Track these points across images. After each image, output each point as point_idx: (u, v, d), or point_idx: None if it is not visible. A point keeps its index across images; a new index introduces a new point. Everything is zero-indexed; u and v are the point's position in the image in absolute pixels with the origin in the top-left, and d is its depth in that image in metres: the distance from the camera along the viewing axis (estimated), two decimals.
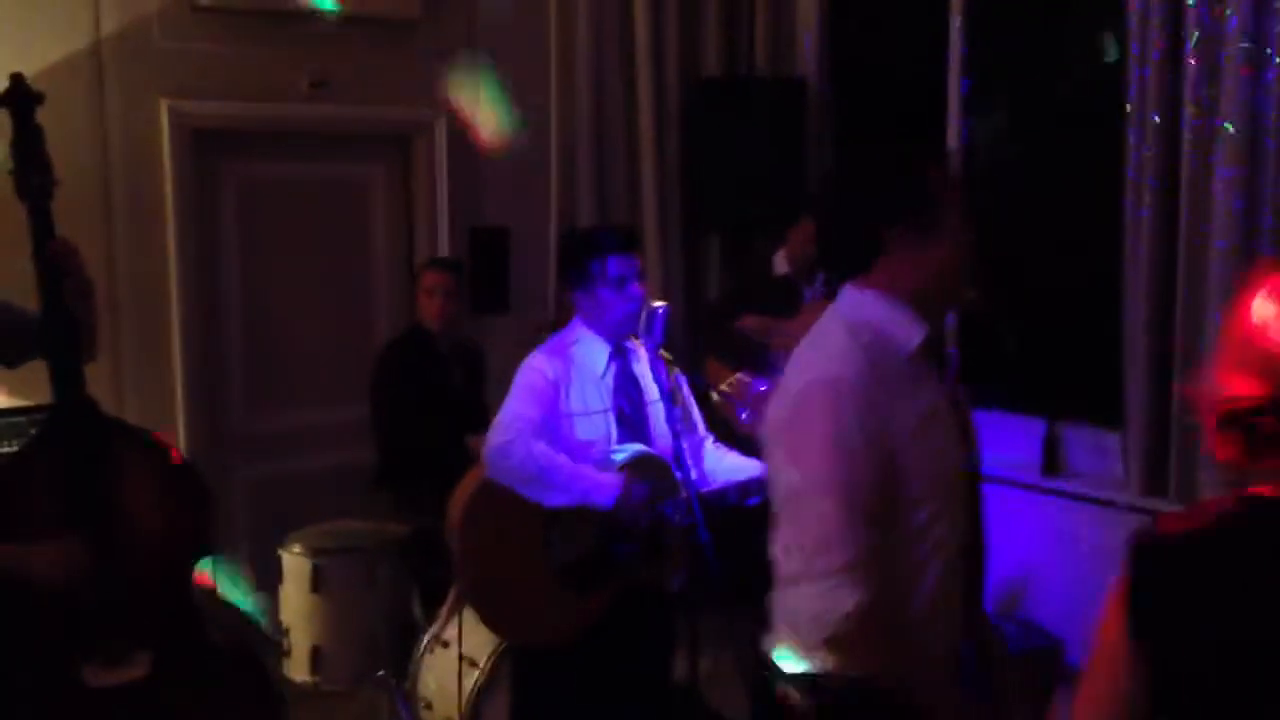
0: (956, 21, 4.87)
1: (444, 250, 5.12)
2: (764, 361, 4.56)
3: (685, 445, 2.90)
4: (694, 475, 2.88)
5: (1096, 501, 4.41)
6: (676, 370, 3.06)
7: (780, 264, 4.78)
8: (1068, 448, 4.67)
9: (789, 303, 4.65)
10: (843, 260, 1.96)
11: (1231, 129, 3.74)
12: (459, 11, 5.13)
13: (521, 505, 2.81)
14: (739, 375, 4.35)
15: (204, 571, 2.85)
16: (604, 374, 2.95)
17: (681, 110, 5.42)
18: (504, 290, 5.22)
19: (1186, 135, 3.87)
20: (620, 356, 2.98)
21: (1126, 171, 4.12)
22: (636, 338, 2.95)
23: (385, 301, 5.18)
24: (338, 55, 4.81)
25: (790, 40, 5.44)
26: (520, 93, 5.30)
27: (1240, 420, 1.33)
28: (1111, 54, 4.44)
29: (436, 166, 5.12)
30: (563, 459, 2.81)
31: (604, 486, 2.79)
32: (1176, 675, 1.33)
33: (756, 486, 2.90)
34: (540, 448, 2.79)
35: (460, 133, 5.13)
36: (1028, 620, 4.59)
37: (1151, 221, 4.07)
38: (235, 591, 4.57)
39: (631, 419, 2.98)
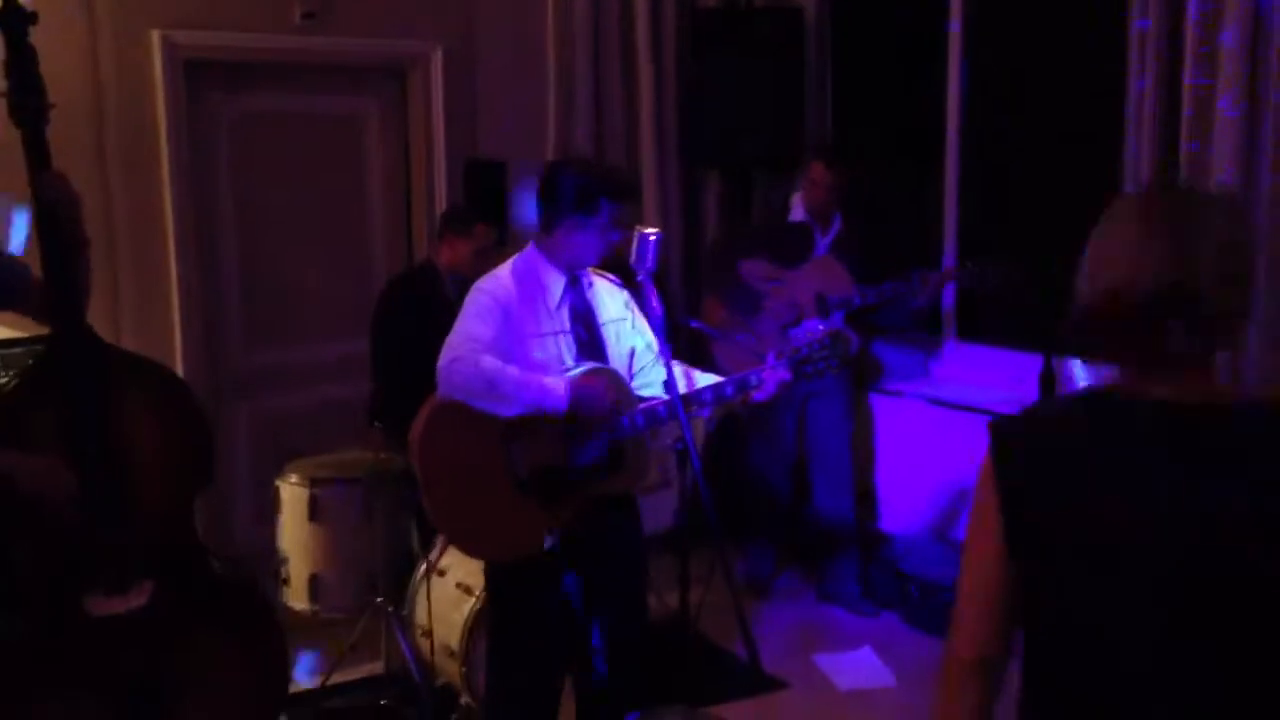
0: None
1: (441, 184, 5.10)
2: (758, 309, 4.55)
3: (644, 363, 3.07)
4: (650, 393, 3.04)
5: None
6: (628, 292, 3.13)
7: (797, 209, 4.73)
8: (1064, 384, 4.69)
9: (801, 250, 4.62)
10: None
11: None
12: None
13: (478, 422, 2.84)
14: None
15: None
16: (560, 298, 2.98)
17: (679, 42, 5.37)
18: (502, 224, 5.20)
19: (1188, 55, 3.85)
20: (573, 283, 3.01)
21: (1126, 109, 4.10)
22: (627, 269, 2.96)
23: (381, 235, 5.16)
24: None
25: None
26: (517, 24, 5.26)
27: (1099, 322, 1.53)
28: None
29: (433, 99, 5.07)
30: (512, 368, 2.83)
31: (556, 390, 2.82)
32: (1024, 528, 1.57)
33: (711, 395, 3.00)
34: (489, 360, 2.80)
35: (456, 65, 5.09)
36: None
37: (1150, 158, 4.06)
38: None
39: (587, 342, 3.01)
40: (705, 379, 3.11)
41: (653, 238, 2.85)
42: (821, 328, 3.67)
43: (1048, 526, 1.55)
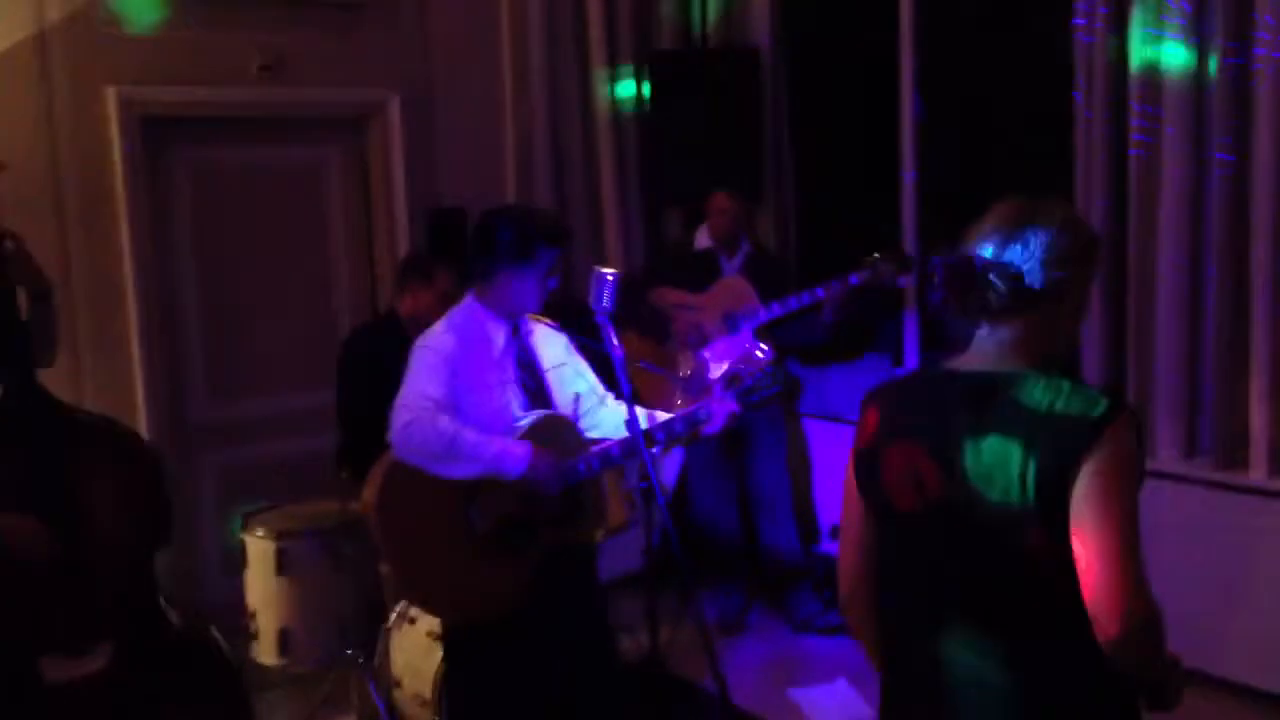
0: None
1: (402, 231, 5.11)
2: (667, 335, 4.64)
3: (589, 405, 3.09)
4: (598, 434, 3.06)
5: None
6: (565, 333, 3.14)
7: (702, 238, 4.86)
8: None
9: (708, 276, 4.71)
10: None
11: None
12: None
13: (434, 481, 2.82)
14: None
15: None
16: (503, 348, 2.97)
17: (636, 84, 5.42)
18: (464, 270, 5.20)
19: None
20: (514, 332, 3.02)
21: (1075, 128, 4.19)
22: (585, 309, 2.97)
23: (345, 284, 5.16)
24: (288, 37, 4.78)
25: (743, 10, 5.44)
26: (473, 70, 5.30)
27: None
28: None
29: (391, 147, 5.09)
30: (469, 430, 2.81)
31: (512, 454, 2.81)
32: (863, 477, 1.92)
33: (662, 432, 3.01)
34: (445, 420, 2.79)
35: (414, 114, 5.11)
36: None
37: (1104, 180, 4.14)
38: None
39: (533, 389, 3.01)
40: (656, 416, 3.12)
41: (610, 278, 2.86)
42: (741, 347, 3.70)
43: (872, 479, 1.88)
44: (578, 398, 3.11)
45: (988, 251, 1.80)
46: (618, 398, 3.16)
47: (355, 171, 5.15)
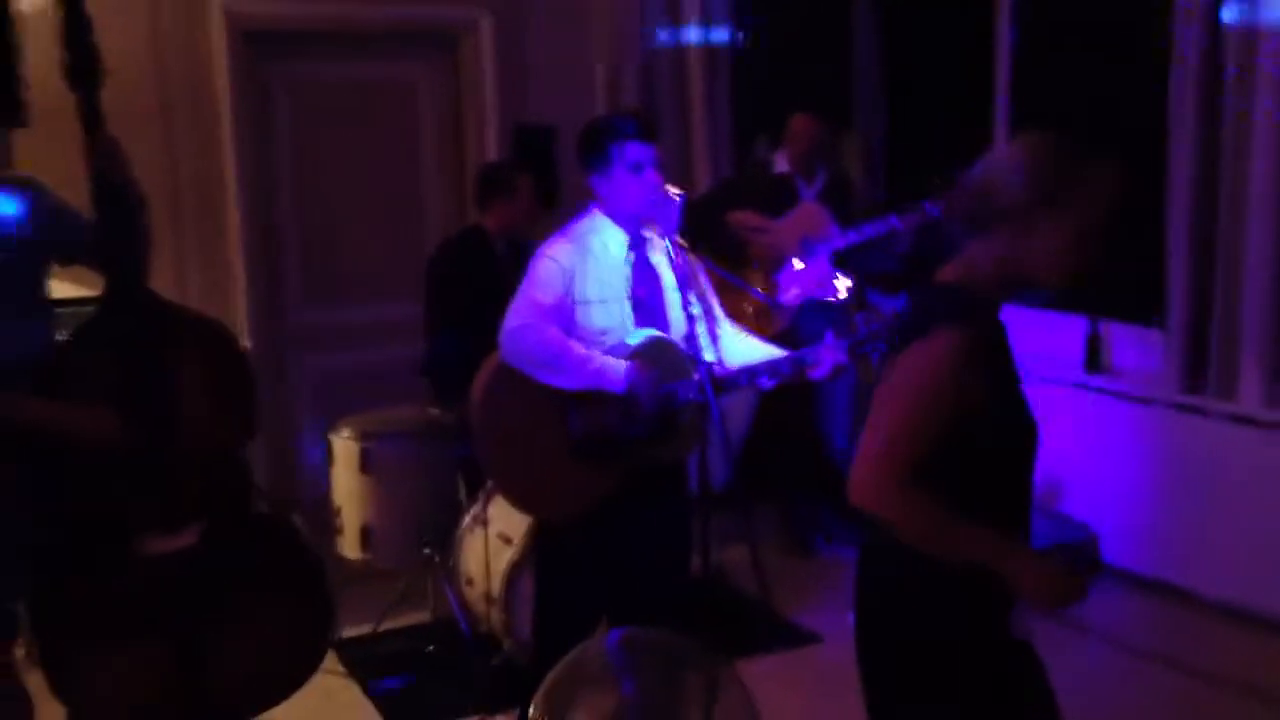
0: None
1: (492, 148, 5.20)
2: (743, 257, 4.63)
3: (703, 329, 2.98)
4: (710, 358, 2.98)
5: (1136, 399, 4.42)
6: (695, 257, 3.12)
7: (781, 162, 4.82)
8: (1110, 346, 4.68)
9: (787, 202, 4.70)
10: None
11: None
12: None
13: (537, 384, 2.92)
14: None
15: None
16: (621, 262, 3.00)
17: (731, 4, 5.39)
18: (553, 188, 5.29)
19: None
20: (638, 244, 3.04)
21: (1171, 69, 4.08)
22: (654, 225, 3.01)
23: (434, 199, 5.29)
24: None
25: None
26: None
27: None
28: None
29: (483, 65, 5.17)
30: (574, 344, 2.88)
31: (613, 372, 2.87)
32: None
33: (768, 370, 2.99)
34: (552, 332, 2.86)
35: (506, 31, 5.17)
36: (1063, 514, 4.65)
37: (1195, 116, 4.03)
38: None
39: (648, 306, 3.03)
40: (760, 349, 3.13)
41: (676, 198, 2.91)
42: (817, 273, 3.67)
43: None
44: (692, 319, 3.05)
45: (978, 169, 1.96)
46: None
47: (448, 88, 5.25)
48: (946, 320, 1.89)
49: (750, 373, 2.99)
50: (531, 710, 2.01)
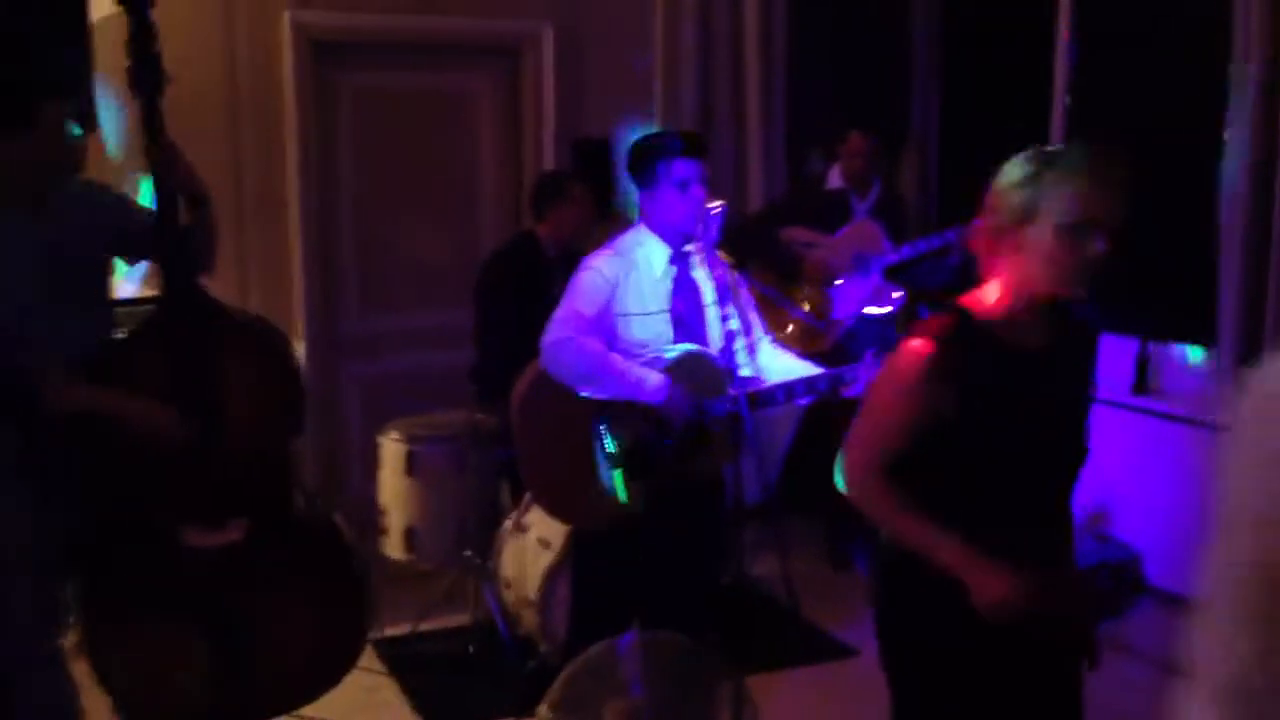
0: None
1: (549, 160, 5.28)
2: (796, 272, 4.66)
3: (741, 345, 3.01)
4: (747, 374, 3.01)
5: (1184, 420, 4.37)
6: (736, 272, 3.15)
7: (835, 177, 4.85)
8: (1159, 367, 4.63)
9: (840, 217, 4.72)
10: None
11: None
12: None
13: (574, 395, 2.97)
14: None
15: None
16: (662, 276, 3.04)
17: (788, 20, 5.42)
18: (607, 200, 5.35)
19: None
20: (680, 259, 3.08)
21: (1229, 83, 4.03)
22: (696, 240, 3.05)
23: (491, 209, 5.39)
24: None
25: None
26: (626, 4, 5.39)
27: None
28: None
29: (543, 77, 5.26)
30: (614, 357, 2.93)
31: (651, 386, 2.92)
32: None
33: (804, 387, 3.01)
34: (592, 344, 2.91)
35: (566, 45, 5.26)
36: (1110, 535, 4.60)
37: (1250, 140, 3.98)
38: None
39: (687, 321, 3.06)
40: (799, 366, 3.15)
41: (716, 211, 2.95)
42: (871, 288, 3.66)
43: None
44: (731, 335, 3.08)
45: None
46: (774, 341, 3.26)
47: (507, 99, 5.34)
48: (923, 331, 2.02)
49: (787, 389, 3.01)
50: (542, 707, 2.07)
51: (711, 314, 3.10)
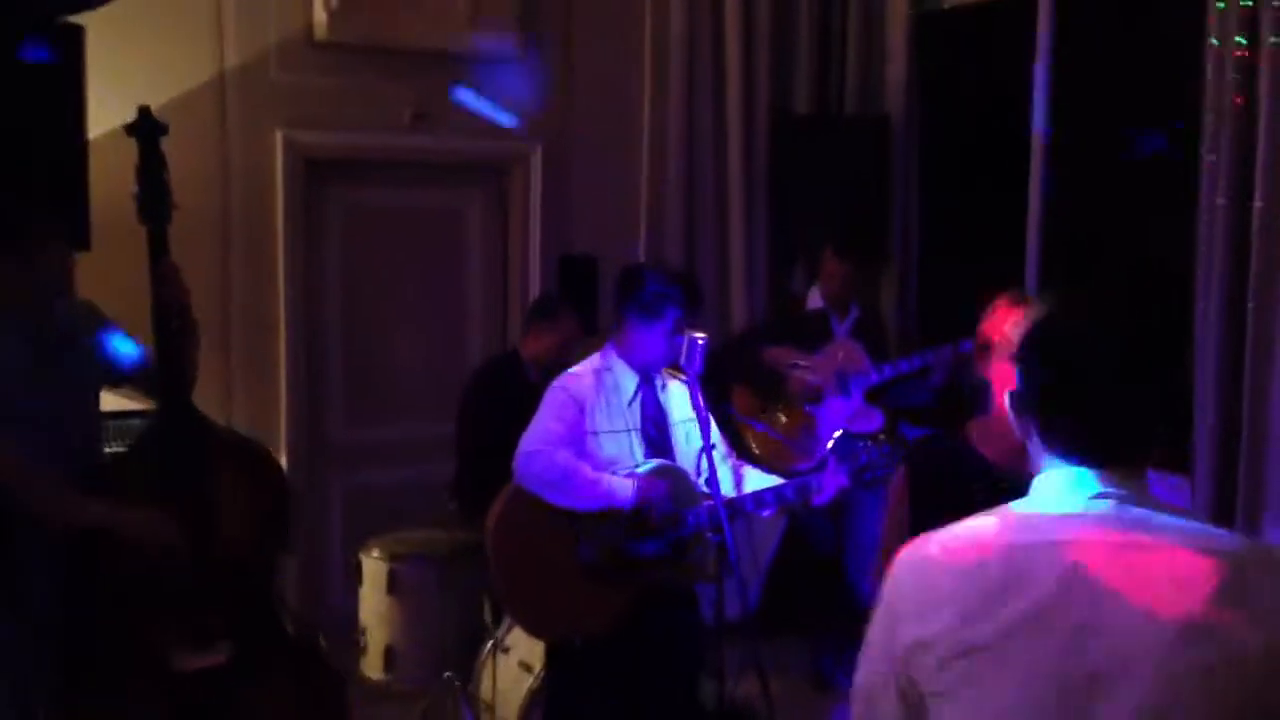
0: (1041, 69, 4.92)
1: (535, 276, 5.36)
2: (779, 392, 4.73)
3: (720, 457, 3.13)
4: (724, 490, 3.07)
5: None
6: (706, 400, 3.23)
7: (814, 298, 4.95)
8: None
9: (821, 337, 4.81)
10: None
11: None
12: (555, 47, 5.38)
13: (550, 509, 3.02)
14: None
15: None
16: (631, 400, 3.14)
17: (770, 144, 5.56)
18: (592, 317, 5.41)
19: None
20: (647, 383, 3.17)
21: (1199, 214, 4.15)
22: (676, 369, 3.12)
23: (478, 323, 5.44)
24: (440, 88, 5.09)
25: (879, 77, 5.53)
26: (613, 124, 5.52)
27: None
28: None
29: (530, 195, 5.36)
30: (583, 466, 3.01)
31: (622, 490, 2.99)
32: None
33: (773, 497, 3.08)
34: (563, 455, 3.00)
35: (554, 164, 5.37)
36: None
37: (1222, 272, 4.08)
38: None
39: (656, 440, 3.16)
40: (763, 479, 3.23)
41: (700, 342, 3.02)
42: (852, 409, 3.72)
43: None
44: (700, 454, 3.14)
45: None
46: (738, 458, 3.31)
47: (495, 216, 5.44)
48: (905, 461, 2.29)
49: (756, 499, 3.08)
50: None
51: (680, 433, 3.19)
